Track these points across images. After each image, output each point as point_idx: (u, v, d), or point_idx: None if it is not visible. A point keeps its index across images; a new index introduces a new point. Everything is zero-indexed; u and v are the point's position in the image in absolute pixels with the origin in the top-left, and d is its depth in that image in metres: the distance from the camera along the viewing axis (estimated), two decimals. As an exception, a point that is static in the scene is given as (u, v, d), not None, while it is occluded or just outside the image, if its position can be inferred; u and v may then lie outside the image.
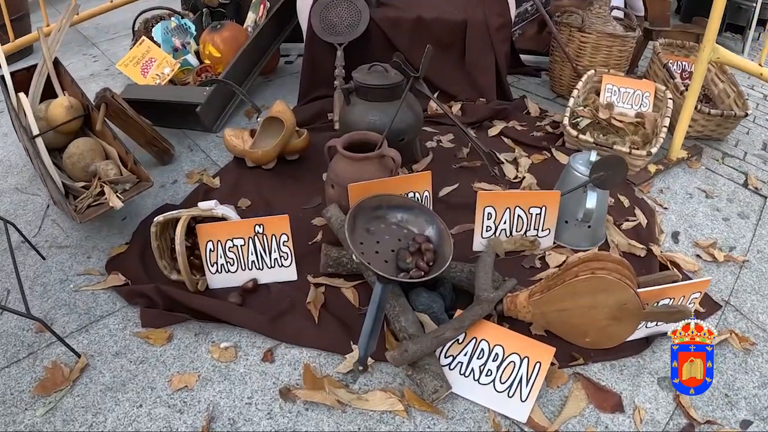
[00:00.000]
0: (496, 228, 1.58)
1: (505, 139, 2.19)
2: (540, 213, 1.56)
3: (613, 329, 1.28)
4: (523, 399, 1.18)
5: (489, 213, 1.55)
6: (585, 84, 2.23)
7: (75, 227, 1.74)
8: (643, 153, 1.90)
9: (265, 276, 1.50)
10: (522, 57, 2.92)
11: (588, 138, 2.02)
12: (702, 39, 1.84)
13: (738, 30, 3.43)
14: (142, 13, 2.74)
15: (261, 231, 1.45)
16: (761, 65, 1.88)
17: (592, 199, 1.48)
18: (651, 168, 2.01)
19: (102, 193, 1.63)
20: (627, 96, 2.19)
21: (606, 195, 1.60)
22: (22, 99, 1.72)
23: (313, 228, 1.71)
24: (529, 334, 1.33)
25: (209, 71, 2.42)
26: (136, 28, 2.74)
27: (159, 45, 2.48)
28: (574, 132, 2.03)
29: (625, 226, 1.72)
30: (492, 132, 2.23)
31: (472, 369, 1.23)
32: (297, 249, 1.51)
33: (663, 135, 1.96)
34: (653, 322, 1.30)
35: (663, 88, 2.16)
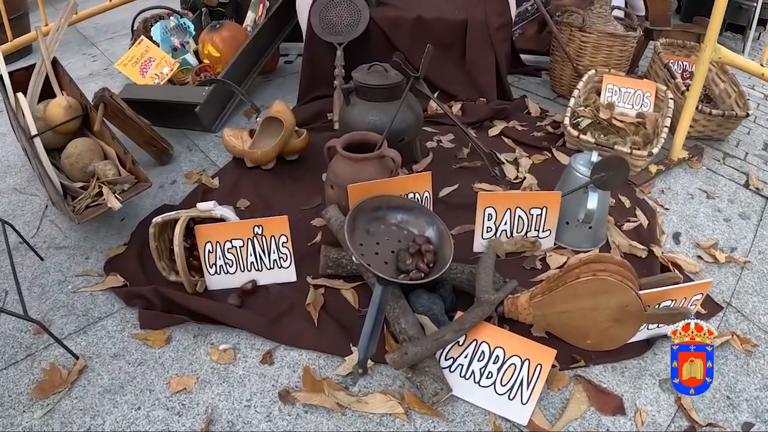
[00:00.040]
0: (496, 229, 1.58)
1: (506, 139, 2.19)
2: (541, 214, 1.56)
3: (615, 331, 1.27)
4: (524, 401, 1.18)
5: (489, 214, 1.55)
6: (586, 84, 2.23)
7: (73, 228, 1.73)
8: (644, 153, 1.90)
9: (264, 277, 1.50)
10: (522, 57, 2.92)
11: (589, 138, 2.02)
12: (703, 39, 1.84)
13: (738, 30, 3.42)
14: (141, 13, 2.73)
15: (260, 232, 1.44)
16: (763, 65, 1.87)
17: (593, 200, 1.48)
18: (652, 168, 2.01)
19: (100, 194, 1.62)
20: (628, 96, 2.19)
21: (607, 196, 1.59)
22: (20, 99, 1.71)
23: (313, 229, 1.70)
24: (530, 336, 1.33)
25: (208, 71, 2.41)
26: (135, 27, 2.73)
27: (158, 44, 2.47)
28: (574, 132, 2.02)
29: (626, 226, 1.72)
30: (492, 132, 2.23)
31: (472, 371, 1.22)
32: (296, 250, 1.50)
33: (664, 135, 1.95)
34: (655, 324, 1.30)
35: (664, 88, 2.15)
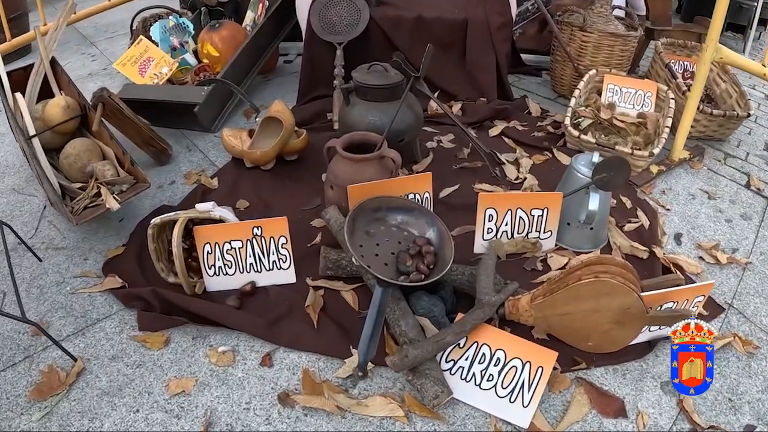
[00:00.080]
0: (497, 230, 1.57)
1: (506, 140, 2.18)
2: (542, 215, 1.55)
3: (616, 333, 1.27)
4: (525, 404, 1.17)
5: (490, 215, 1.54)
6: (586, 84, 2.22)
7: (72, 229, 1.72)
8: (646, 154, 1.89)
9: (264, 279, 1.49)
10: (523, 56, 2.91)
11: (590, 138, 2.01)
12: (704, 39, 1.83)
13: (739, 29, 3.42)
14: (140, 12, 2.72)
15: (259, 233, 1.43)
16: (764, 65, 1.86)
17: (594, 201, 1.47)
18: (653, 169, 2.00)
19: (99, 194, 1.61)
20: (629, 96, 2.18)
21: (608, 197, 1.59)
22: (18, 99, 1.71)
23: (312, 230, 1.69)
24: (531, 338, 1.32)
25: (207, 70, 2.40)
26: (134, 27, 2.72)
27: (157, 44, 2.46)
28: (575, 132, 2.01)
29: (628, 227, 1.71)
30: (493, 132, 2.22)
31: (473, 374, 1.21)
32: (296, 251, 1.49)
33: (665, 135, 1.94)
34: (656, 326, 1.29)
35: (665, 88, 2.14)
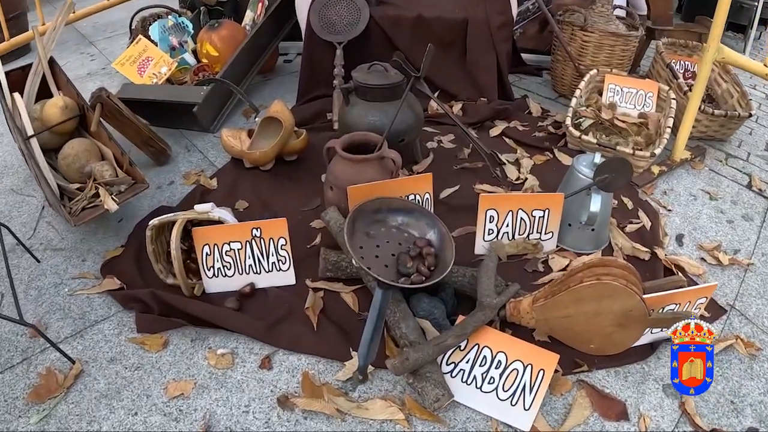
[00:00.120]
0: (498, 231, 1.56)
1: (507, 140, 2.17)
2: (543, 216, 1.54)
3: (618, 336, 1.26)
4: (527, 407, 1.16)
5: (491, 216, 1.53)
6: (587, 84, 2.21)
7: (70, 229, 1.71)
8: (647, 154, 1.88)
9: (263, 280, 1.48)
10: (523, 56, 2.90)
11: (591, 138, 2.00)
12: (705, 38, 1.82)
13: (739, 29, 3.41)
14: (139, 12, 2.71)
15: (258, 234, 1.42)
16: (766, 65, 1.85)
17: (596, 202, 1.46)
18: (654, 169, 1.99)
19: (97, 195, 1.61)
20: (630, 96, 2.17)
21: (610, 198, 1.58)
22: (16, 99, 1.70)
23: (312, 231, 1.68)
24: (533, 340, 1.31)
25: (207, 70, 2.39)
26: (133, 26, 2.71)
27: (156, 44, 2.45)
28: (576, 132, 2.00)
29: (629, 228, 1.70)
30: (493, 132, 2.21)
31: (474, 376, 1.21)
32: (295, 252, 1.48)
33: (666, 136, 1.94)
34: (659, 328, 1.28)
35: (666, 88, 2.13)
